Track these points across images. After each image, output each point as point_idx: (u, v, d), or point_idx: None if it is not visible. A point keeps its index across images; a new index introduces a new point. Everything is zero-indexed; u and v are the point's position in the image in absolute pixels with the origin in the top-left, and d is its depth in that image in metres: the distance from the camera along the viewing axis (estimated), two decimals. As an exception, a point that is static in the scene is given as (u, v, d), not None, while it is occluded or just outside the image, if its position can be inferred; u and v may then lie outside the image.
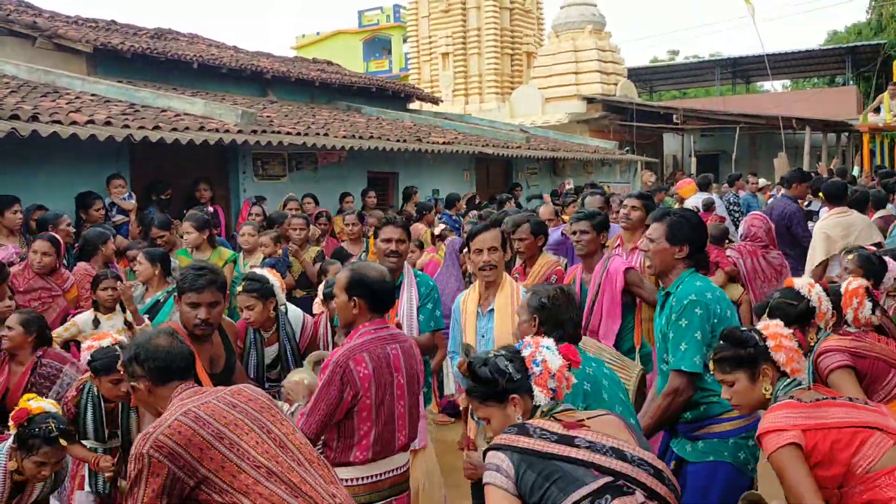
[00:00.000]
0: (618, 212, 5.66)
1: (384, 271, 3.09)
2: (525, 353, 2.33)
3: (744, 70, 32.88)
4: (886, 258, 4.11)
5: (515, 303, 3.60)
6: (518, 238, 4.69)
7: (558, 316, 2.89)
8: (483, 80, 24.02)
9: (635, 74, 29.08)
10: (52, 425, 3.04)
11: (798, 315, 3.26)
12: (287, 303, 4.48)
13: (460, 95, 24.19)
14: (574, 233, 4.44)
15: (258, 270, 4.37)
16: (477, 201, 11.64)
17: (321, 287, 4.79)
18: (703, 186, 10.89)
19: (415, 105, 18.80)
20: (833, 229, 6.23)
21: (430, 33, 24.71)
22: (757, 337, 2.65)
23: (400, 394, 2.99)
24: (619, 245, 5.01)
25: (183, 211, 7.21)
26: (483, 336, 3.71)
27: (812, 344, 3.35)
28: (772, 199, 9.50)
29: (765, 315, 3.16)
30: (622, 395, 2.88)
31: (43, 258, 4.94)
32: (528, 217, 4.96)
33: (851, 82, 29.50)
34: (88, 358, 3.48)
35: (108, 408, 3.60)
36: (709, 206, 9.81)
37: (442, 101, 21.01)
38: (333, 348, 4.39)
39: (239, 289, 4.19)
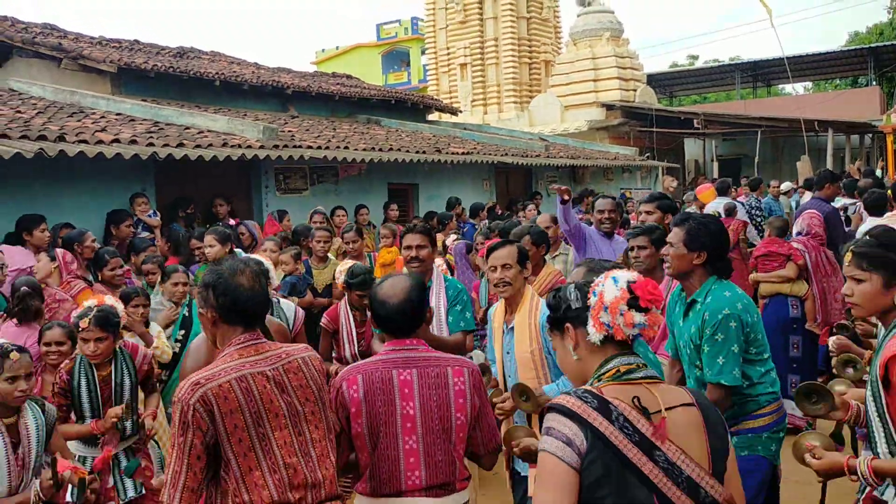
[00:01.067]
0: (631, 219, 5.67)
1: (396, 290, 2.73)
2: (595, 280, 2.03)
3: (764, 73, 32.69)
4: None
5: (534, 320, 3.56)
6: None
7: None
8: (501, 89, 24.08)
9: (655, 80, 29.03)
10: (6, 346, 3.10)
11: None
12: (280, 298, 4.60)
13: (479, 105, 24.27)
14: (631, 248, 4.26)
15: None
16: (498, 211, 11.63)
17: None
18: (723, 191, 10.81)
19: (434, 116, 18.87)
20: None
21: (447, 45, 24.84)
22: None
23: (410, 426, 2.57)
24: None
25: (207, 226, 7.30)
26: (508, 353, 3.67)
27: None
28: (803, 201, 9.33)
29: None
30: None
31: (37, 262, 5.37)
32: (527, 228, 4.98)
33: (874, 83, 29.20)
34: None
35: (101, 377, 3.82)
36: (731, 210, 9.73)
37: (461, 112, 21.07)
38: (355, 343, 4.51)
39: None
